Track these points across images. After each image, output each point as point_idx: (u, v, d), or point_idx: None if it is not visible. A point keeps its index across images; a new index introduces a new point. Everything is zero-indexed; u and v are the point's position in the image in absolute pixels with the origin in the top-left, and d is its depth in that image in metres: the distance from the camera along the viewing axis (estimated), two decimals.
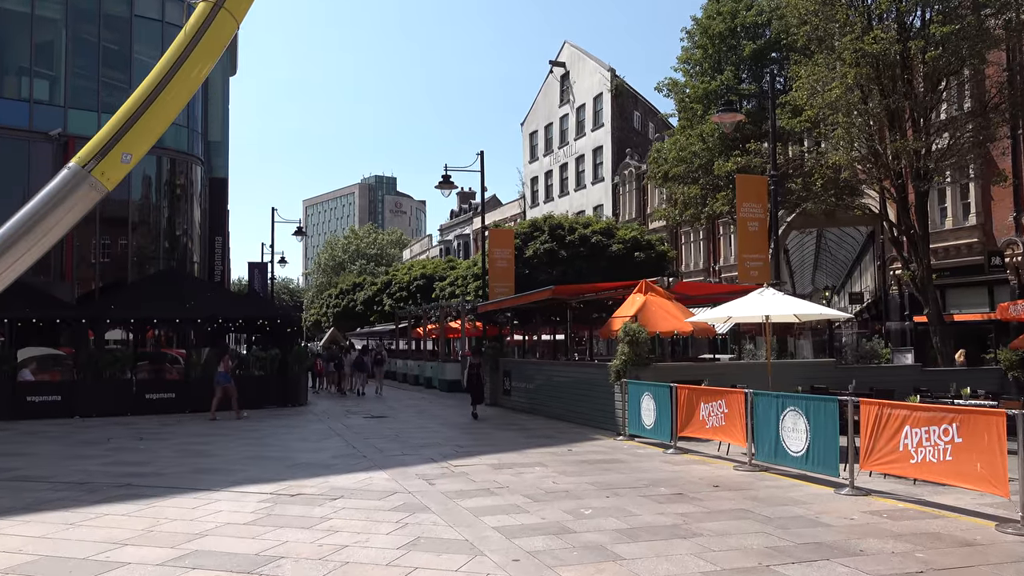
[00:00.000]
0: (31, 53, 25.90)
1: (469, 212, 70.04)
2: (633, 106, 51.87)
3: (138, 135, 6.45)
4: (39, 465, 12.05)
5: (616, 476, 10.84)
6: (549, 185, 57.23)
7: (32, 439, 15.45)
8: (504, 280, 26.98)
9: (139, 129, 6.44)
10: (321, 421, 19.32)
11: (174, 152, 28.24)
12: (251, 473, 11.23)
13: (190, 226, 29.47)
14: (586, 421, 17.39)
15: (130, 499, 9.30)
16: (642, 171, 45.29)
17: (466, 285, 36.50)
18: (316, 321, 70.68)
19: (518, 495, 9.52)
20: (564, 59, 55.37)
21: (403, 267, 56.48)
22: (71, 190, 6.16)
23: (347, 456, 13.08)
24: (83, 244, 26.57)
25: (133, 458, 12.77)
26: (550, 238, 31.04)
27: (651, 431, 14.09)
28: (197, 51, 7.09)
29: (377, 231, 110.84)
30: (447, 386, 30.11)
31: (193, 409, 21.08)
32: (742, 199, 18.62)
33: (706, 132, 24.73)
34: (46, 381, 20.53)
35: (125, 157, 6.32)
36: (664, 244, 33.48)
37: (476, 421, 18.54)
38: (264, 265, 42.63)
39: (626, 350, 15.59)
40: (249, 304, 27.39)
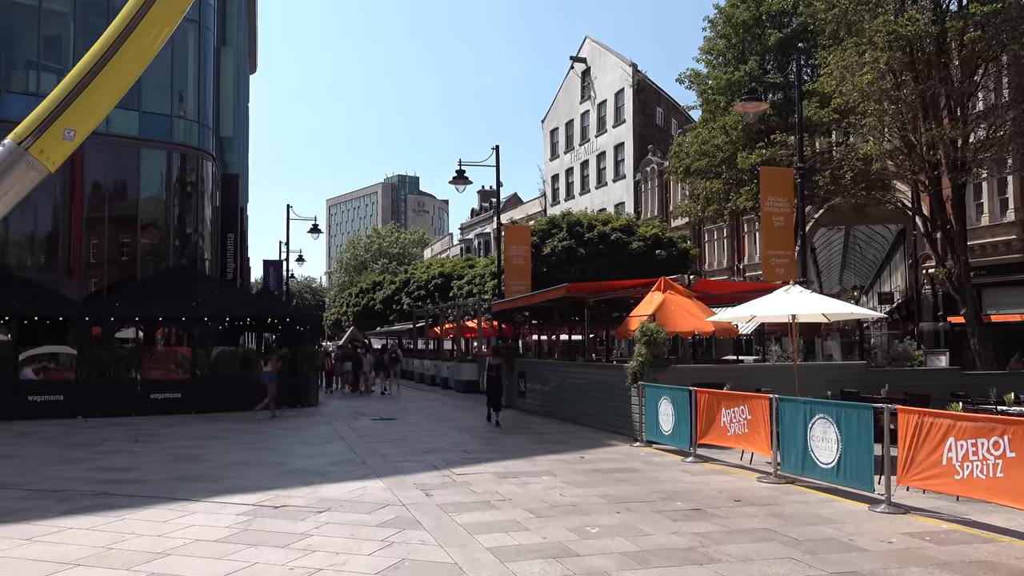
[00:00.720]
0: (39, 47, 25.49)
1: (490, 210, 69.30)
2: (656, 102, 50.87)
3: (82, 110, 5.77)
4: (20, 470, 11.44)
5: (629, 488, 10.01)
6: (570, 183, 56.36)
7: (24, 441, 14.90)
8: (520, 278, 26.18)
9: (83, 104, 5.76)
10: (327, 423, 18.65)
11: (184, 147, 27.72)
12: (238, 481, 10.53)
13: (201, 223, 28.96)
14: (602, 425, 16.56)
15: (100, 510, 8.62)
16: (664, 168, 44.28)
17: (484, 284, 35.74)
18: (337, 320, 70.35)
19: (520, 509, 8.73)
20: (585, 55, 54.47)
21: (421, 266, 55.89)
22: (6, 170, 5.47)
23: (345, 462, 12.36)
24: (91, 241, 26.13)
25: (120, 463, 12.14)
26: (568, 235, 30.19)
27: (669, 437, 13.23)
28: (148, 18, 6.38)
29: (399, 230, 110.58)
30: (463, 387, 29.40)
31: (199, 410, 20.52)
32: (767, 193, 17.70)
33: (729, 124, 23.76)
34: (48, 380, 20.02)
35: (67, 134, 5.63)
36: (686, 242, 32.52)
37: (489, 425, 17.73)
38: (279, 263, 42.15)
39: (643, 351, 14.73)
40: (259, 302, 26.81)
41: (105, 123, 26.03)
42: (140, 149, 26.76)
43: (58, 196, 25.30)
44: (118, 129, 26.23)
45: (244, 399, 21.18)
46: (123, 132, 26.32)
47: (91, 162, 25.53)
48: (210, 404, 20.73)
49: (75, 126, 5.72)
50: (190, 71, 28.31)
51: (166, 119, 27.26)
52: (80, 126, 5.74)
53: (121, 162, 26.37)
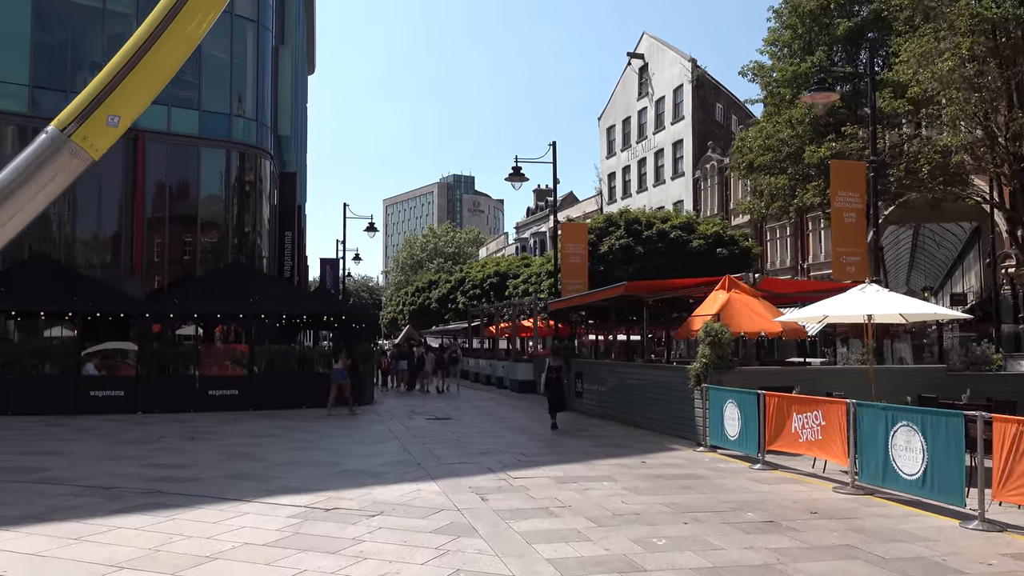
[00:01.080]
0: (103, 47, 25.92)
1: (546, 209, 68.88)
2: (715, 98, 49.79)
3: (126, 96, 5.53)
4: (74, 465, 11.41)
5: (696, 496, 9.48)
6: (627, 181, 55.58)
7: (82, 436, 14.99)
8: (577, 277, 25.68)
9: (127, 89, 5.52)
10: (382, 422, 18.45)
11: (243, 146, 27.94)
12: (289, 481, 10.30)
13: (259, 221, 29.17)
14: (663, 429, 15.99)
15: (151, 509, 8.45)
16: (725, 165, 43.32)
17: (540, 283, 35.34)
18: (393, 319, 70.77)
19: (581, 517, 8.28)
20: (643, 51, 53.64)
21: (477, 264, 55.76)
22: (48, 158, 5.25)
23: (399, 463, 12.06)
24: (152, 239, 26.50)
25: (174, 460, 12.05)
26: (626, 233, 29.57)
27: (735, 443, 12.62)
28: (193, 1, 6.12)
29: (455, 230, 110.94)
30: (518, 386, 29.03)
31: (256, 407, 20.54)
32: (837, 187, 16.88)
33: (795, 118, 22.87)
34: (109, 376, 20.25)
35: (111, 120, 5.38)
36: (748, 240, 31.58)
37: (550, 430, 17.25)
38: (336, 262, 42.38)
39: (707, 352, 14.13)
40: (315, 300, 26.84)
41: (166, 122, 26.55)
42: (200, 148, 27.06)
43: (121, 195, 25.72)
44: (178, 128, 26.58)
45: (300, 397, 21.19)
46: (183, 131, 26.66)
47: (152, 161, 25.90)
48: (267, 401, 20.73)
49: (119, 112, 5.49)
50: (249, 70, 28.53)
51: (225, 118, 27.50)
52: (124, 112, 5.50)
53: (181, 161, 26.70)
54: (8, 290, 20.32)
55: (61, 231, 25.79)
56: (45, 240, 25.01)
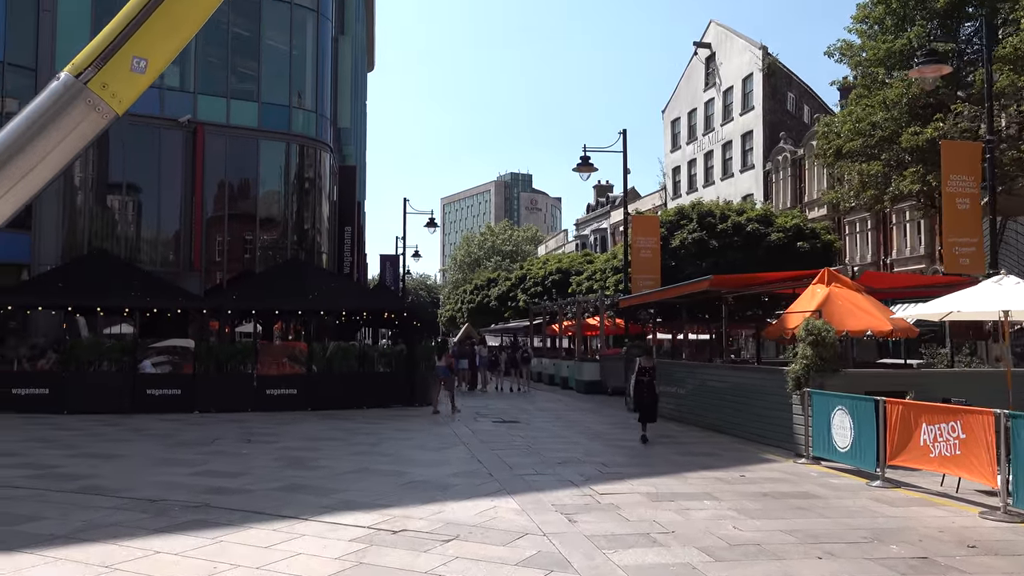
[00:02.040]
0: None
1: (607, 205, 67.44)
2: (787, 87, 47.66)
3: (155, 33, 4.50)
4: (121, 472, 10.57)
5: (819, 521, 8.12)
6: (692, 175, 53.72)
7: (134, 437, 14.25)
8: (649, 272, 24.31)
9: (157, 25, 4.47)
10: (446, 424, 17.39)
11: (302, 138, 27.26)
12: (351, 494, 9.25)
13: (318, 215, 28.47)
14: (751, 436, 14.57)
15: (197, 528, 7.46)
16: (798, 156, 41.34)
17: (604, 279, 33.96)
18: (451, 317, 70.08)
19: (691, 548, 7.01)
20: (709, 40, 51.73)
21: (537, 261, 54.58)
22: (62, 109, 4.26)
23: (470, 473, 10.93)
24: (211, 233, 25.98)
25: (227, 467, 11.12)
26: (699, 226, 28.03)
27: (845, 455, 11.16)
28: None
29: (512, 228, 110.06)
30: (584, 387, 27.81)
31: (314, 407, 19.72)
32: (949, 170, 15.22)
33: (889, 99, 21.08)
34: (167, 374, 19.62)
35: (137, 64, 4.35)
36: (830, 233, 29.71)
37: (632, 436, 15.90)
38: (396, 258, 41.63)
39: (808, 352, 12.67)
40: (375, 296, 25.98)
41: (225, 115, 26.00)
42: (259, 141, 26.45)
43: (180, 189, 25.22)
44: (237, 121, 26.01)
45: (361, 397, 20.33)
46: (242, 124, 26.08)
47: (211, 154, 25.38)
48: (326, 401, 19.92)
49: (147, 53, 4.47)
50: (308, 61, 27.86)
51: (285, 110, 26.86)
52: (154, 53, 4.48)
53: (240, 154, 26.14)
54: (66, 285, 19.88)
55: (120, 226, 25.42)
56: (104, 235, 24.66)
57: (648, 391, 14.52)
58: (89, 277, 20.24)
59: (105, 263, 21.36)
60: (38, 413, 17.75)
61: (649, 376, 14.60)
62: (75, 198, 24.63)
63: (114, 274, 20.78)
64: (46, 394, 18.32)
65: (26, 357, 19.05)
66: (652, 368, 14.82)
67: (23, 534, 7.15)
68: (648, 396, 14.49)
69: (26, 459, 11.52)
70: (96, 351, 19.01)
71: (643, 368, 14.70)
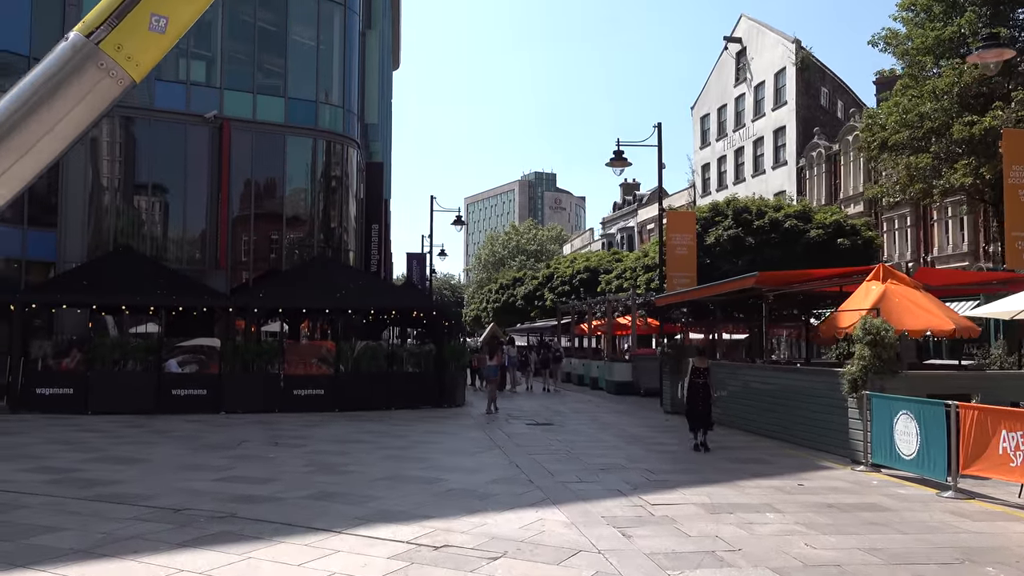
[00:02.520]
0: (188, 34, 25.06)
1: (633, 204, 66.59)
2: (820, 81, 46.59)
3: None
4: (145, 477, 10.07)
5: (897, 537, 7.42)
6: (722, 172, 52.74)
7: (159, 440, 13.79)
8: (684, 269, 23.58)
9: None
10: (478, 427, 16.81)
11: (329, 134, 26.79)
12: (387, 503, 8.67)
13: (345, 212, 27.99)
14: (800, 441, 13.83)
15: (223, 542, 6.91)
16: (833, 152, 40.34)
17: (635, 278, 33.23)
18: (476, 316, 69.58)
19: (764, 569, 6.35)
20: (740, 34, 50.74)
21: (565, 260, 53.92)
22: (71, 74, 3.75)
23: (509, 480, 10.32)
24: (237, 230, 25.59)
25: (255, 471, 10.59)
26: (735, 223, 27.24)
27: (911, 463, 10.42)
28: None
29: (537, 227, 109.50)
30: (615, 388, 27.13)
31: (342, 407, 19.23)
32: (1012, 160, 14.39)
33: (940, 88, 20.19)
34: (192, 374, 19.19)
35: (156, 22, 3.81)
36: (871, 230, 28.77)
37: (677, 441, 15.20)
38: (423, 256, 41.13)
39: (866, 353, 11.90)
40: (403, 295, 25.46)
41: (251, 110, 25.59)
42: (286, 137, 26.02)
43: (205, 185, 24.84)
44: (264, 116, 25.61)
45: (390, 397, 19.84)
46: (269, 119, 25.67)
47: (237, 150, 24.98)
48: (354, 402, 19.44)
49: (167, 11, 3.92)
50: (335, 55, 27.40)
51: (311, 105, 26.41)
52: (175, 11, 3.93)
53: (267, 150, 25.72)
54: (90, 283, 19.54)
55: (145, 223, 25.11)
56: (130, 233, 24.34)
57: (703, 395, 13.32)
58: (114, 274, 19.89)
59: (130, 260, 21.00)
60: (62, 413, 17.40)
61: (704, 378, 13.40)
62: (100, 195, 24.34)
63: (139, 271, 20.42)
64: (70, 394, 17.96)
65: (51, 356, 18.69)
66: (707, 369, 13.57)
67: (38, 548, 6.64)
68: (703, 400, 13.29)
69: (46, 463, 11.08)
70: (121, 350, 18.61)
71: (697, 369, 13.49)
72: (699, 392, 13.29)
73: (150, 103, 24.13)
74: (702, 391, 13.31)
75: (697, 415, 13.28)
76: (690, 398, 13.39)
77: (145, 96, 24.13)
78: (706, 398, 13.30)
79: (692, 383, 13.38)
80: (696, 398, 13.30)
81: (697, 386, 13.33)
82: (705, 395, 13.32)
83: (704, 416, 13.26)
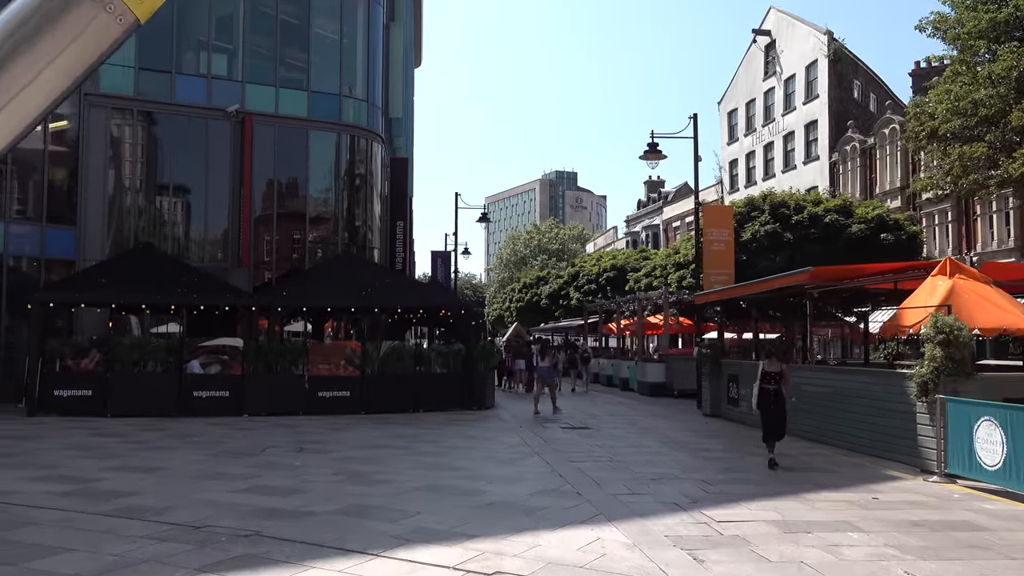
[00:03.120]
0: (210, 27, 24.50)
1: (659, 201, 65.53)
2: (853, 74, 45.37)
3: None
4: (164, 488, 9.34)
5: (1009, 564, 6.54)
6: (751, 167, 51.62)
7: (179, 445, 13.09)
8: (722, 266, 22.66)
9: None
10: (512, 431, 16.01)
11: (354, 128, 26.09)
12: (426, 518, 7.89)
13: (370, 208, 27.28)
14: (859, 447, 12.90)
15: (247, 566, 6.15)
16: (868, 145, 39.17)
17: (665, 276, 32.29)
18: (499, 316, 68.86)
19: None
20: (769, 27, 49.61)
21: (591, 258, 53.02)
22: (60, 8, 2.85)
23: (553, 492, 9.50)
24: (259, 229, 24.96)
25: (280, 482, 9.84)
26: (772, 218, 26.25)
27: (995, 474, 9.49)
28: None
29: (558, 226, 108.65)
30: (647, 389, 26.25)
31: (368, 410, 18.52)
32: None
33: (996, 73, 19.13)
34: (214, 375, 18.52)
35: None
36: (915, 224, 27.65)
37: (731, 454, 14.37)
38: (447, 255, 40.40)
39: (937, 354, 10.98)
40: (431, 293, 24.70)
41: (273, 104, 24.92)
42: (309, 131, 25.34)
43: (227, 181, 24.21)
44: (286, 111, 24.96)
45: (417, 399, 19.13)
46: (292, 113, 25.02)
47: (260, 145, 24.34)
48: (381, 404, 18.73)
49: None
50: (359, 47, 26.70)
51: (335, 99, 25.73)
52: None
53: (290, 145, 25.04)
54: (110, 281, 18.95)
55: (167, 220, 24.52)
56: (151, 230, 23.77)
57: (776, 402, 11.67)
58: (134, 272, 19.28)
59: (151, 258, 20.37)
60: (80, 416, 16.81)
61: (777, 384, 11.71)
62: (121, 191, 23.77)
63: (160, 269, 19.79)
64: (88, 396, 17.36)
65: (69, 356, 18.08)
66: (779, 374, 11.80)
67: (41, 574, 5.91)
68: (776, 409, 11.66)
69: (60, 471, 10.40)
70: (141, 351, 17.98)
71: (768, 374, 11.77)
72: (770, 399, 11.67)
73: (171, 97, 23.54)
74: (774, 399, 11.67)
75: (772, 426, 11.66)
76: (761, 406, 11.72)
77: (166, 90, 23.55)
78: (779, 406, 11.66)
79: (763, 390, 11.72)
80: (768, 406, 11.67)
81: (768, 393, 11.69)
82: (778, 403, 11.66)
83: (778, 427, 11.67)
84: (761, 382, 11.74)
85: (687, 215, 57.31)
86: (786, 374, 11.86)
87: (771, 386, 11.68)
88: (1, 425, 15.53)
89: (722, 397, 19.14)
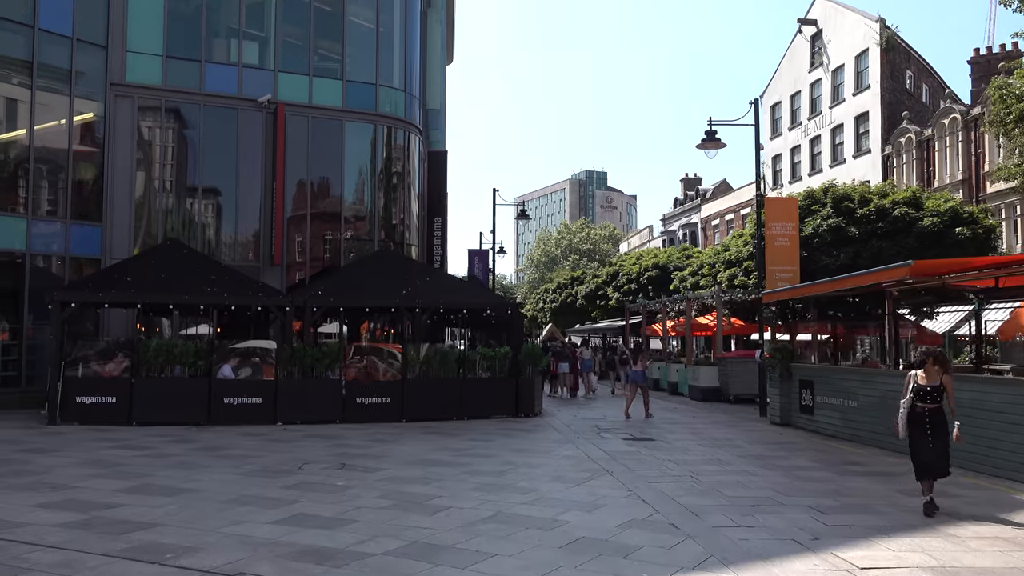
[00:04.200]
0: (240, 15, 23.32)
1: (696, 199, 63.77)
2: (905, 63, 43.38)
3: None
4: (186, 518, 8.00)
5: None
6: (795, 162, 49.72)
7: (209, 460, 11.79)
8: (786, 262, 21.02)
9: None
10: (569, 442, 14.57)
11: (391, 119, 24.80)
12: (503, 562, 6.48)
13: (407, 202, 25.98)
14: (970, 465, 11.27)
15: None
16: (924, 137, 37.20)
17: (714, 274, 30.65)
18: (532, 317, 67.53)
19: None
20: (815, 16, 47.73)
21: (630, 257, 51.43)
22: None
23: (645, 524, 8.04)
24: (292, 225, 23.74)
25: (323, 508, 8.49)
26: (834, 212, 24.54)
27: None
28: None
29: (589, 226, 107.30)
30: (699, 394, 24.73)
31: (410, 418, 17.21)
32: None
33: None
34: (246, 380, 17.22)
35: None
36: (990, 218, 25.76)
37: (826, 471, 12.85)
38: (484, 253, 39.07)
39: None
40: (475, 292, 23.31)
41: (307, 94, 23.70)
42: (344, 122, 24.09)
43: (260, 173, 23.02)
44: (320, 101, 23.75)
45: (462, 406, 17.79)
46: (326, 104, 23.79)
47: (293, 136, 23.15)
48: (423, 411, 17.44)
49: None
50: (396, 35, 25.44)
51: (371, 88, 24.46)
52: None
53: (324, 136, 23.81)
54: (135, 279, 17.79)
55: (196, 215, 23.37)
56: (179, 226, 22.64)
57: (935, 427, 8.67)
58: (161, 270, 18.12)
59: (179, 254, 19.18)
60: (103, 424, 15.64)
61: (935, 401, 8.69)
62: (148, 185, 22.66)
63: (188, 267, 18.60)
64: (113, 403, 16.16)
65: (93, 360, 16.89)
66: (939, 387, 8.72)
67: None
68: (935, 435, 8.67)
69: (72, 495, 9.12)
70: (168, 355, 16.76)
71: (922, 389, 8.73)
72: (926, 423, 8.69)
73: (200, 87, 22.42)
74: (932, 422, 8.68)
75: (924, 459, 8.69)
76: (912, 432, 8.80)
77: (195, 79, 22.43)
78: (939, 433, 8.69)
79: (917, 407, 8.77)
80: (922, 433, 8.72)
81: (923, 414, 8.72)
82: (937, 428, 8.69)
83: (935, 461, 8.65)
84: (915, 398, 8.75)
85: (727, 212, 55.54)
86: (949, 388, 8.80)
87: (927, 405, 8.70)
88: (19, 436, 14.40)
89: (793, 404, 17.56)
